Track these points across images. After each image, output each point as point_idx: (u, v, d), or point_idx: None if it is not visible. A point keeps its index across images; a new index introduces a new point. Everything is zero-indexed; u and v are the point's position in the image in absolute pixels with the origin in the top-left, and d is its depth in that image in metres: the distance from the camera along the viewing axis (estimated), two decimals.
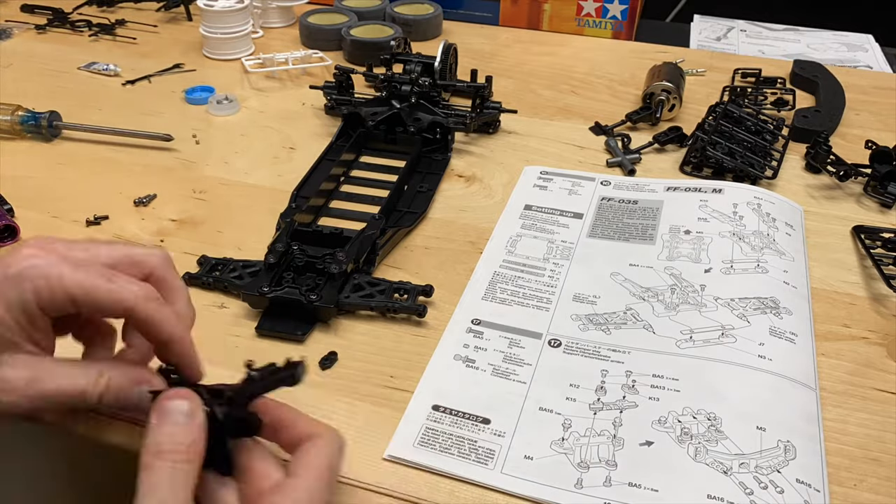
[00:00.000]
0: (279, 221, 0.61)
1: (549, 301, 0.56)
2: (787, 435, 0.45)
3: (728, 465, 0.43)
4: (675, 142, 0.76)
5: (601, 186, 0.69)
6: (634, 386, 0.48)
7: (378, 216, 0.61)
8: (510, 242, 0.62)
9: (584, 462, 0.44)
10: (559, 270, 0.59)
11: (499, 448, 0.44)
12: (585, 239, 0.62)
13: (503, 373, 0.50)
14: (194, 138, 0.76)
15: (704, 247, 0.60)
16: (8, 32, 0.98)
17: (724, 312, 0.53)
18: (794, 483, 0.42)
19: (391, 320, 0.54)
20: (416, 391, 0.48)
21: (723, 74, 0.92)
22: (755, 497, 0.41)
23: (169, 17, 1.06)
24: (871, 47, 1.08)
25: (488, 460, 0.44)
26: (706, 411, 0.46)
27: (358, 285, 0.55)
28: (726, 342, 0.51)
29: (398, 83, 0.76)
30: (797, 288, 0.57)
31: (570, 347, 0.52)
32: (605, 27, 1.03)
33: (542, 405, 0.47)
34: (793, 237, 0.62)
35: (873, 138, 0.73)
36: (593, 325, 0.53)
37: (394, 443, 0.45)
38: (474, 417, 0.46)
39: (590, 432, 0.45)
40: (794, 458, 0.43)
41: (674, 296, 0.56)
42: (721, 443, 0.44)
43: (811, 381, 0.49)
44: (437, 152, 0.73)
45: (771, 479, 0.42)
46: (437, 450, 0.44)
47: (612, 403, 0.47)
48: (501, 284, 0.57)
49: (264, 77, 0.89)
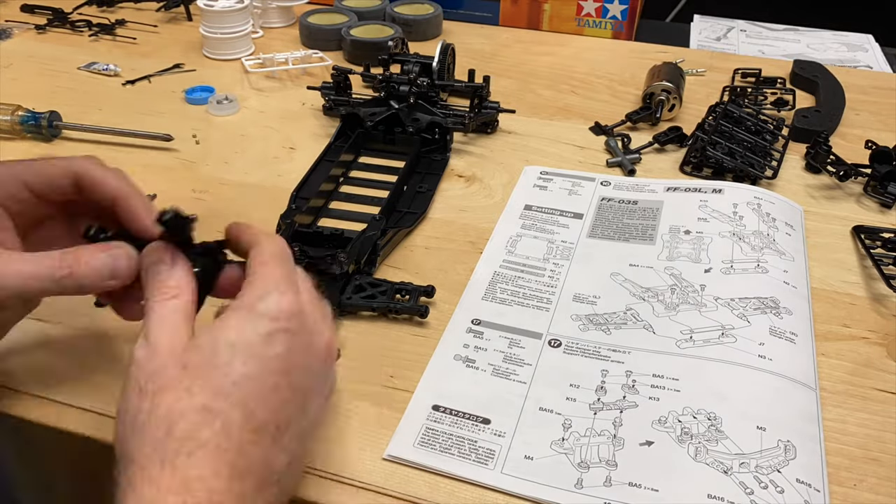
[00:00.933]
0: (279, 222, 0.61)
1: (550, 301, 0.56)
2: (788, 435, 0.45)
3: (728, 464, 0.43)
4: (675, 142, 0.76)
5: (601, 187, 0.69)
6: (635, 386, 0.48)
7: (379, 217, 0.61)
8: (510, 242, 0.62)
9: (584, 462, 0.44)
10: (559, 271, 0.59)
11: (499, 448, 0.44)
12: (585, 239, 0.62)
13: (503, 373, 0.50)
14: (194, 138, 0.76)
15: (704, 247, 0.60)
16: (8, 32, 0.98)
17: (724, 312, 0.53)
18: (795, 483, 0.42)
19: (392, 320, 0.54)
20: (416, 391, 0.48)
21: (723, 74, 0.92)
22: (755, 497, 0.41)
23: (169, 17, 1.06)
24: (871, 47, 1.08)
25: (488, 460, 0.44)
26: (706, 411, 0.46)
27: (359, 286, 0.55)
28: (726, 342, 0.51)
29: (396, 83, 0.76)
30: (797, 288, 0.57)
31: (571, 347, 0.52)
32: (605, 27, 1.03)
33: (542, 405, 0.47)
34: (793, 237, 0.62)
35: (873, 138, 0.73)
36: (593, 325, 0.53)
37: (394, 443, 0.45)
38: (474, 417, 0.46)
39: (590, 432, 0.45)
40: (794, 458, 0.43)
41: (674, 296, 0.56)
42: (721, 442, 0.44)
43: (811, 381, 0.49)
44: (435, 152, 0.73)
45: (771, 478, 0.42)
46: (438, 450, 0.44)
47: (612, 403, 0.47)
48: (502, 284, 0.57)
49: (264, 77, 0.89)
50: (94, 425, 0.46)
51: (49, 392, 0.47)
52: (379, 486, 0.42)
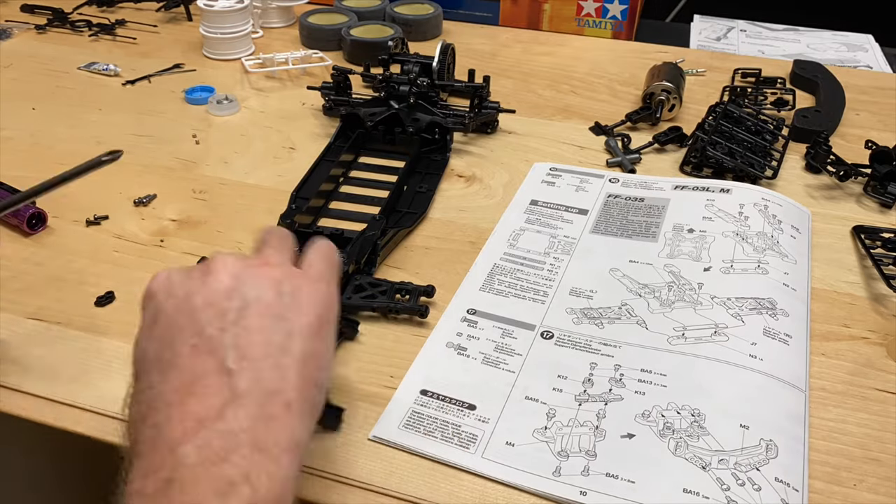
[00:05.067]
0: (279, 223, 0.61)
1: (546, 294, 0.56)
2: (771, 434, 0.45)
3: (707, 460, 0.43)
4: (675, 142, 0.76)
5: (609, 184, 0.69)
6: (622, 380, 0.48)
7: (379, 217, 0.61)
8: (512, 236, 0.62)
9: (563, 451, 0.44)
10: (559, 265, 0.59)
11: (481, 433, 0.45)
12: (588, 235, 0.62)
13: (493, 361, 0.50)
14: (194, 138, 0.76)
15: (706, 246, 0.60)
16: (8, 32, 0.98)
17: (719, 311, 0.53)
18: (773, 481, 0.42)
19: (391, 320, 0.54)
20: (405, 375, 0.49)
21: (723, 74, 0.92)
22: (731, 493, 0.41)
23: (169, 17, 1.06)
24: (871, 47, 1.08)
25: (470, 444, 0.44)
26: (690, 407, 0.46)
27: (359, 286, 0.55)
28: (718, 340, 0.51)
29: (396, 83, 0.76)
30: (797, 291, 0.57)
31: (562, 340, 0.52)
32: (605, 27, 1.03)
33: (528, 394, 0.48)
34: (798, 240, 0.62)
35: (873, 138, 0.73)
36: (587, 318, 0.54)
37: (379, 425, 0.45)
38: (461, 403, 0.47)
39: (573, 422, 0.46)
40: (775, 458, 0.43)
41: (670, 293, 0.56)
42: (702, 438, 0.44)
43: (801, 383, 0.49)
44: (435, 152, 0.73)
45: (749, 476, 0.42)
46: (422, 433, 0.45)
47: (597, 395, 0.47)
48: (500, 276, 0.57)
49: (264, 77, 0.89)
50: (95, 425, 0.46)
51: (49, 392, 0.47)
52: (378, 486, 0.42)
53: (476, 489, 0.43)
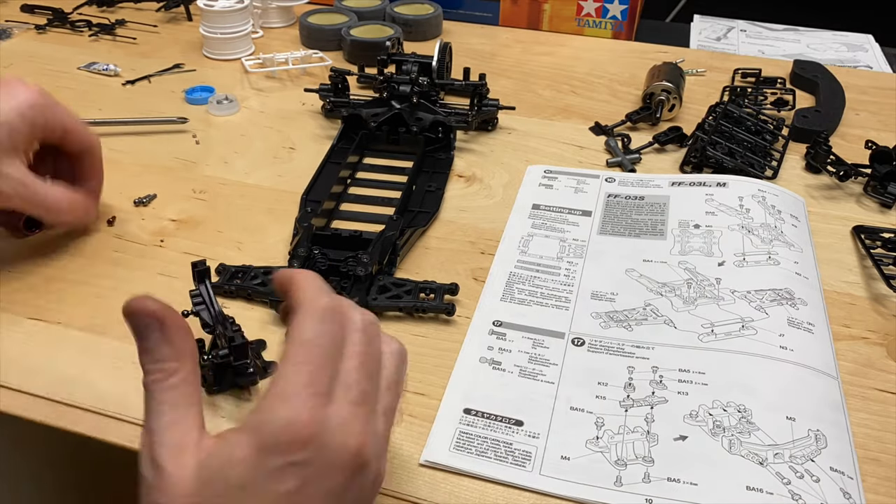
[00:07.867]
0: (296, 226, 0.60)
1: (568, 300, 0.56)
2: (816, 424, 0.45)
3: (763, 455, 0.43)
4: (675, 142, 0.76)
5: (606, 183, 0.69)
6: (662, 381, 0.48)
7: (396, 217, 0.60)
8: (522, 242, 0.62)
9: (620, 459, 0.43)
10: (574, 269, 0.59)
11: (534, 450, 0.44)
12: (596, 236, 0.62)
13: (530, 374, 0.49)
14: (194, 138, 0.76)
15: (715, 240, 0.60)
16: (8, 32, 0.98)
17: (741, 305, 0.54)
18: (829, 471, 0.42)
19: (408, 322, 0.54)
20: (444, 395, 0.48)
21: (723, 74, 0.92)
22: (793, 487, 0.41)
23: (169, 17, 1.06)
24: (871, 47, 1.08)
25: (525, 462, 0.44)
26: (736, 403, 0.46)
27: (383, 287, 0.54)
28: (747, 334, 0.51)
29: (397, 83, 0.76)
30: (808, 279, 0.57)
31: (594, 345, 0.52)
32: (605, 27, 1.03)
33: (572, 405, 0.47)
34: (799, 228, 0.62)
35: (873, 138, 0.73)
36: (614, 322, 0.53)
37: (429, 448, 0.44)
38: (507, 420, 0.46)
39: (623, 429, 0.45)
40: (825, 447, 0.44)
41: (690, 290, 0.56)
42: (754, 434, 0.44)
43: (832, 370, 0.49)
44: (439, 151, 0.73)
45: (806, 468, 0.42)
46: (474, 454, 0.44)
47: (641, 399, 0.47)
48: (518, 285, 0.57)
49: (264, 77, 0.89)
50: (94, 425, 0.46)
51: (49, 392, 0.47)
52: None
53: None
